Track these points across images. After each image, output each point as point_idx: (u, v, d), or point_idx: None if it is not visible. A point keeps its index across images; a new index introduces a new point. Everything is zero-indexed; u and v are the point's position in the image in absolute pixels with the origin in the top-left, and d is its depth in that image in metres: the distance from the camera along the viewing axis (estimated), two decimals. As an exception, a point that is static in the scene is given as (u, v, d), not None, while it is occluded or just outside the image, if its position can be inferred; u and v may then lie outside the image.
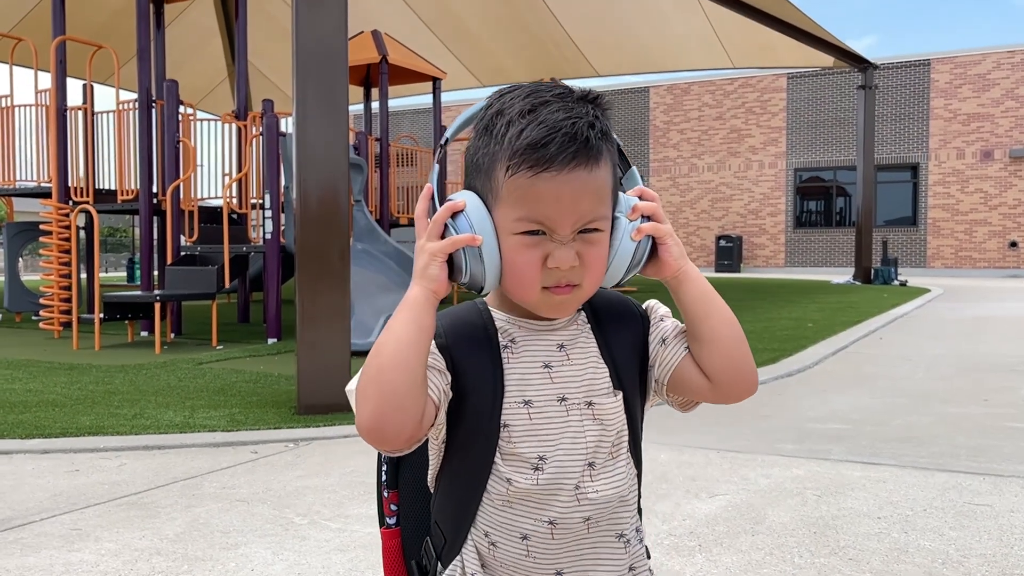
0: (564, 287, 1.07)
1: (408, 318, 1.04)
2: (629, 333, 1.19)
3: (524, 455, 1.10)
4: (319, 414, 4.82)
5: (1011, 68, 25.01)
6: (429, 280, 1.05)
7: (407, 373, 1.02)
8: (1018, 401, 5.34)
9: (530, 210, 1.03)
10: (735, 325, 1.13)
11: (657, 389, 1.19)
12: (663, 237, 1.11)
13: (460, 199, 1.07)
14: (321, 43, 5.01)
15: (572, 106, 1.05)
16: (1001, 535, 2.92)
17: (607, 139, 1.07)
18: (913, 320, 10.74)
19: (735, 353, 1.13)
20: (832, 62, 18.17)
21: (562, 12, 16.17)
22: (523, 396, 1.12)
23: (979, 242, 25.49)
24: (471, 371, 1.11)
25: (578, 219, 1.04)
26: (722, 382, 1.13)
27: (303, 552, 2.80)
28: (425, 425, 1.06)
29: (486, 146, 1.07)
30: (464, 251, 1.04)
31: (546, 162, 1.01)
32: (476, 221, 1.05)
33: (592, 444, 1.12)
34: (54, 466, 3.91)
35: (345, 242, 5.12)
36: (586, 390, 1.13)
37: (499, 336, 1.14)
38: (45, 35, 10.32)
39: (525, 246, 1.05)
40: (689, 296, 1.13)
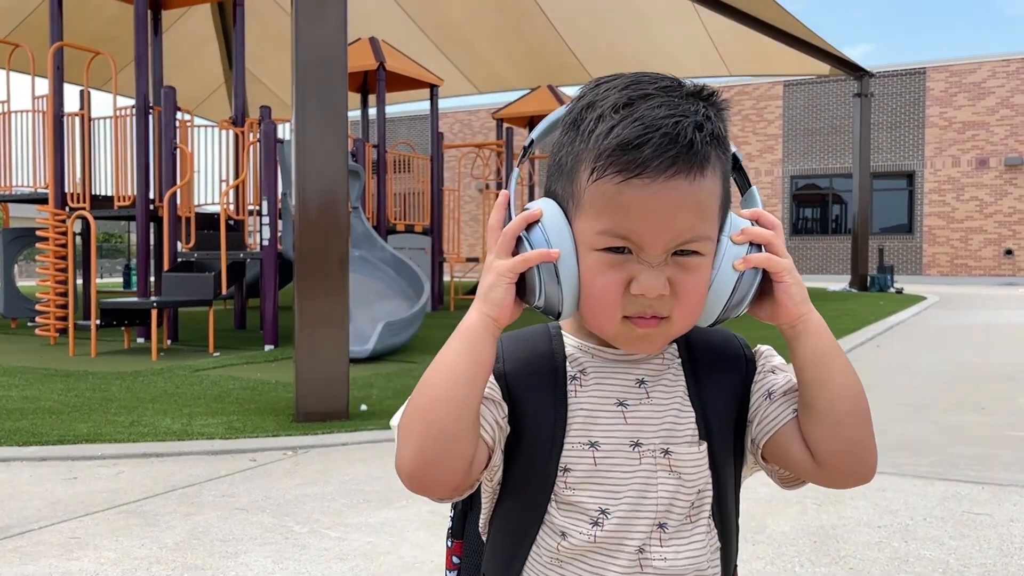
0: (649, 318, 0.90)
1: (462, 350, 0.89)
2: (728, 377, 0.99)
3: (583, 505, 0.94)
4: (317, 422, 4.81)
5: (1006, 77, 25.11)
6: (491, 305, 0.90)
7: (457, 414, 0.88)
8: (1016, 409, 5.35)
9: (615, 222, 0.87)
10: (859, 398, 0.92)
11: (753, 452, 0.99)
12: (779, 273, 0.91)
13: (537, 207, 0.91)
14: (321, 52, 5.02)
15: (678, 102, 0.88)
16: (1001, 544, 2.93)
17: (719, 145, 0.89)
18: (910, 328, 10.76)
19: (852, 434, 0.92)
20: (828, 70, 18.24)
21: (559, 20, 16.21)
22: (589, 436, 0.94)
23: (974, 250, 25.56)
24: (529, 403, 0.96)
25: (672, 237, 0.87)
26: (831, 466, 0.93)
27: (303, 561, 2.79)
28: (475, 471, 0.92)
29: (571, 143, 0.91)
30: (539, 269, 0.89)
31: (638, 166, 0.85)
32: (554, 233, 0.89)
33: (665, 500, 0.94)
34: (52, 474, 3.89)
35: (344, 249, 5.12)
36: (665, 436, 0.95)
37: (567, 365, 0.98)
38: (42, 41, 10.32)
39: (606, 266, 0.89)
40: (805, 353, 0.92)
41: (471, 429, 0.89)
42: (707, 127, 0.87)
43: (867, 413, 0.93)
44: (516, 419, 0.95)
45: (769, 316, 0.93)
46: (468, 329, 0.90)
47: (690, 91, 0.89)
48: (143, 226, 9.55)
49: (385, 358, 7.48)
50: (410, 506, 3.32)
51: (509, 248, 0.90)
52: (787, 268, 0.91)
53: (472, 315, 0.90)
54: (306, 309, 4.97)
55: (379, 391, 5.80)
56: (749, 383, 0.99)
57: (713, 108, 0.90)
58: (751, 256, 0.90)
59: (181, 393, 5.80)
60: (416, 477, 0.89)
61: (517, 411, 0.95)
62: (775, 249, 0.91)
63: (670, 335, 0.93)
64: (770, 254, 0.91)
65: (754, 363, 1.01)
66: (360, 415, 5.02)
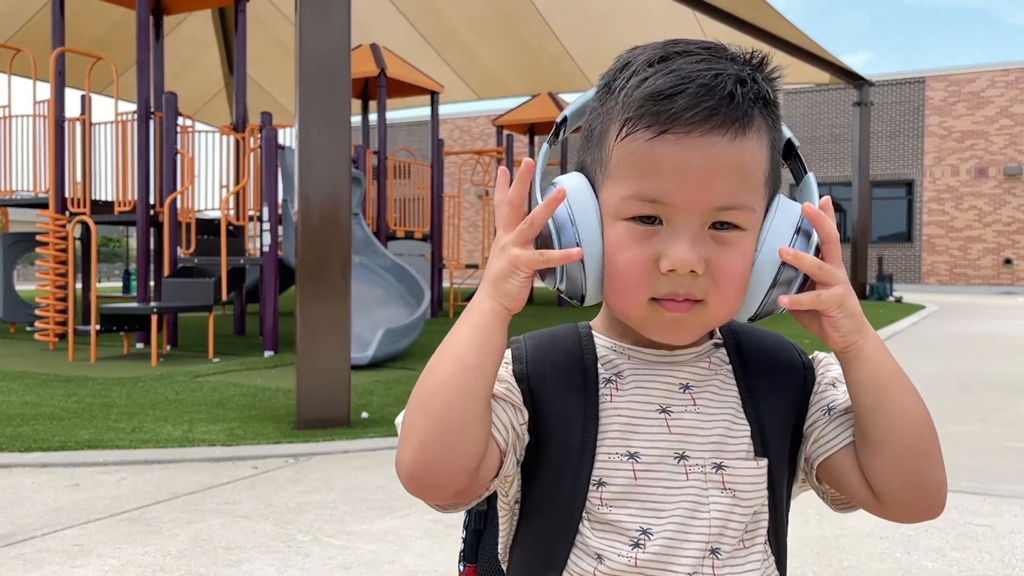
0: (681, 301, 0.80)
1: (471, 335, 0.80)
2: (786, 386, 0.89)
3: (621, 524, 0.84)
4: (318, 429, 4.82)
5: (1005, 86, 25.18)
6: (504, 296, 0.80)
7: (463, 403, 0.78)
8: (1017, 420, 5.36)
9: (644, 184, 0.77)
10: (922, 428, 0.82)
11: (806, 470, 0.91)
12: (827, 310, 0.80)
13: (561, 184, 0.82)
14: (325, 60, 5.03)
15: (721, 59, 0.80)
16: (1003, 556, 2.93)
17: (766, 108, 0.80)
18: (909, 337, 10.77)
19: (912, 468, 0.82)
20: (828, 79, 18.28)
21: (559, 27, 16.24)
22: (627, 446, 0.84)
23: (973, 259, 25.60)
24: (555, 409, 0.85)
25: (710, 202, 0.77)
26: (890, 502, 0.84)
27: (307, 569, 2.79)
28: (484, 476, 0.82)
29: (602, 105, 0.83)
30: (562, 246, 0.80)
31: (670, 118, 0.76)
32: (580, 213, 0.80)
33: (719, 523, 0.84)
34: (54, 480, 3.89)
35: (347, 256, 5.13)
36: (715, 449, 0.85)
37: (600, 367, 0.88)
38: (43, 45, 10.34)
39: (633, 238, 0.79)
40: (857, 379, 0.82)
41: (479, 422, 0.79)
42: (751, 85, 0.79)
43: (931, 445, 0.83)
44: (539, 427, 0.86)
45: (815, 332, 0.83)
46: (479, 314, 0.81)
47: (736, 54, 0.82)
48: (143, 231, 9.56)
49: (385, 365, 7.48)
50: (413, 514, 3.32)
51: (530, 236, 0.79)
52: (835, 303, 0.80)
53: (485, 302, 0.81)
54: (308, 316, 4.98)
55: (379, 398, 5.81)
56: (807, 394, 0.90)
57: (761, 73, 0.82)
58: (797, 298, 0.80)
59: (181, 399, 5.80)
60: (417, 475, 0.80)
61: (540, 417, 0.86)
62: (822, 278, 0.80)
63: (706, 323, 0.83)
64: (816, 294, 0.80)
65: (813, 372, 0.91)
66: (361, 422, 5.03)
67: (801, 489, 0.96)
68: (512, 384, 0.86)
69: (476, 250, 24.60)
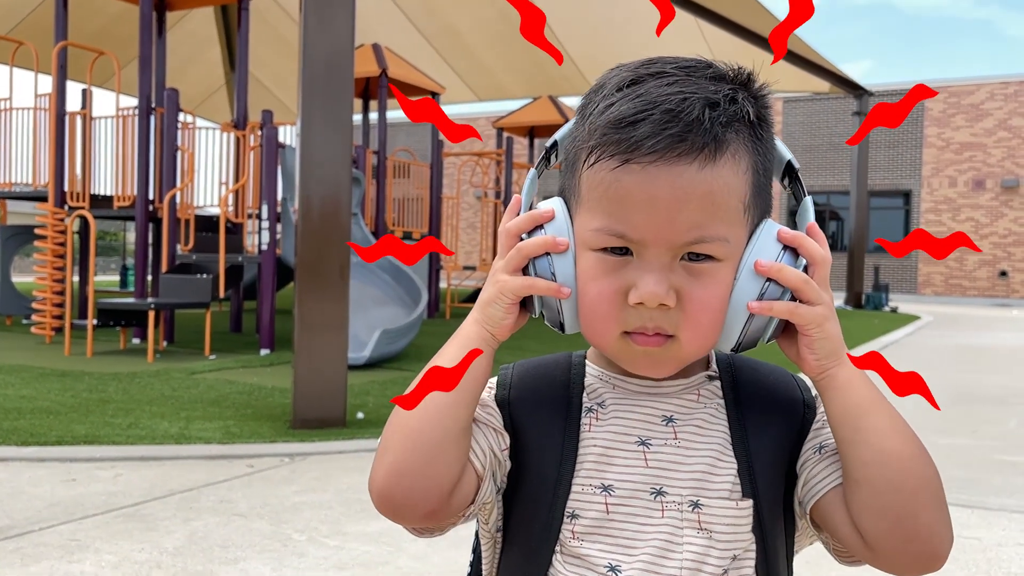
0: (651, 335, 0.77)
1: (455, 358, 0.77)
2: (781, 425, 0.84)
3: (591, 560, 0.81)
4: (314, 429, 4.84)
5: (1004, 99, 25.27)
6: (489, 321, 0.80)
7: (442, 425, 0.77)
8: (1007, 433, 5.40)
9: (611, 216, 0.75)
10: (908, 464, 0.75)
11: (802, 515, 0.85)
12: (804, 327, 0.76)
13: (548, 207, 0.80)
14: (328, 61, 5.06)
15: (696, 81, 0.75)
16: (989, 568, 2.97)
17: (744, 131, 0.76)
18: (903, 348, 10.82)
19: (895, 507, 0.75)
20: (828, 88, 18.34)
21: (561, 30, 16.28)
22: (602, 479, 0.82)
23: (969, 270, 25.68)
24: (534, 438, 0.84)
25: (677, 234, 0.74)
26: (878, 546, 0.77)
27: (302, 569, 2.82)
28: (458, 500, 0.81)
29: (576, 130, 0.80)
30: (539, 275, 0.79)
31: (632, 145, 0.72)
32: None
33: (692, 564, 0.80)
34: (50, 475, 3.91)
35: (346, 257, 5.16)
36: (695, 486, 0.81)
37: (584, 396, 0.86)
38: (44, 37, 10.35)
39: (602, 270, 0.77)
40: (833, 410, 0.78)
41: (456, 445, 0.78)
42: (725, 108, 0.74)
43: (917, 483, 0.75)
44: (519, 454, 0.85)
45: (793, 359, 0.80)
46: (463, 339, 0.80)
47: (720, 73, 0.77)
48: (142, 226, 9.58)
49: (381, 365, 7.50)
50: (407, 516, 3.35)
51: (518, 265, 0.78)
52: (814, 321, 0.75)
53: (470, 326, 0.81)
54: (306, 315, 5.00)
55: (375, 399, 5.83)
56: (805, 433, 0.84)
57: (745, 91, 0.77)
58: (771, 303, 0.75)
59: (178, 396, 5.82)
60: (387, 493, 0.78)
61: (520, 445, 0.84)
62: (805, 294, 0.75)
63: (680, 358, 0.79)
64: (795, 304, 0.75)
65: (813, 410, 0.86)
66: (357, 423, 5.05)
67: (808, 539, 0.89)
68: (494, 408, 0.86)
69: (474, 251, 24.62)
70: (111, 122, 9.93)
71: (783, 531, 0.85)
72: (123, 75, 10.22)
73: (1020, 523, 3.49)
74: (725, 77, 0.77)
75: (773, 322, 0.77)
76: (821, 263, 0.77)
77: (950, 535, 0.77)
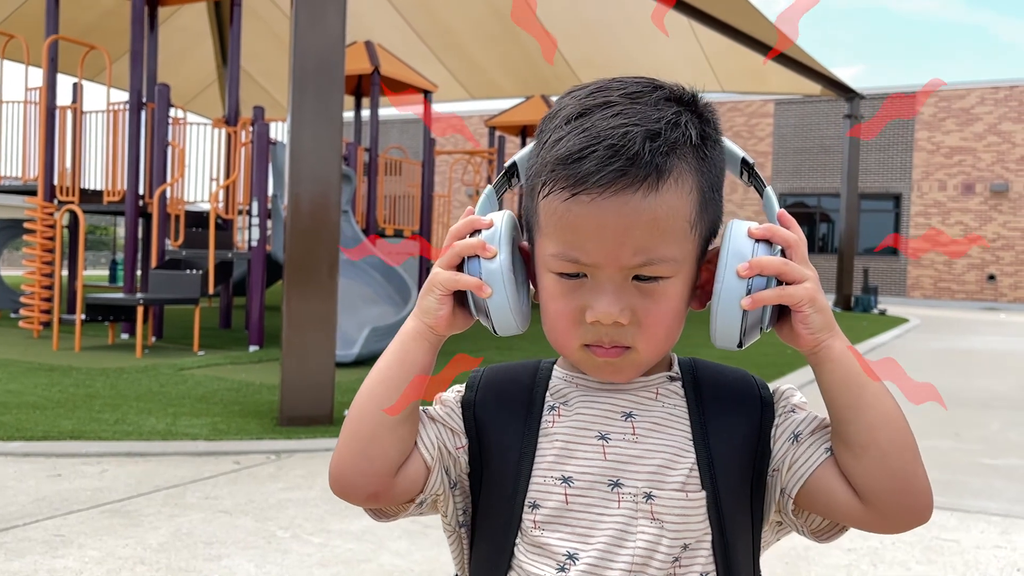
0: (609, 348, 0.84)
1: (393, 350, 0.87)
2: (740, 420, 0.89)
3: (551, 548, 0.86)
4: (301, 426, 4.85)
5: (995, 104, 25.38)
6: (424, 312, 0.86)
7: (376, 414, 0.85)
8: (990, 436, 5.44)
9: (565, 244, 0.81)
10: (901, 427, 0.82)
11: (782, 504, 0.89)
12: (796, 305, 0.81)
13: (489, 217, 0.85)
14: (319, 58, 5.07)
15: (640, 109, 0.80)
16: (966, 570, 3.00)
17: (687, 152, 0.81)
18: (891, 350, 10.87)
19: (899, 466, 0.82)
20: (819, 90, 18.40)
21: (555, 30, 16.29)
22: (562, 470, 0.87)
23: (958, 274, 25.80)
24: (496, 437, 0.90)
25: (626, 259, 0.80)
26: (880, 504, 0.83)
27: (285, 566, 2.84)
28: (404, 486, 0.87)
29: (534, 157, 0.86)
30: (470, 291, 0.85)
31: (579, 181, 0.78)
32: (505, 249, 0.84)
33: (643, 552, 0.84)
34: (36, 470, 3.92)
35: (334, 255, 5.17)
36: (649, 478, 0.85)
37: (548, 396, 0.91)
38: (36, 30, 10.32)
39: (560, 292, 0.83)
40: (830, 381, 0.83)
41: (392, 433, 0.85)
42: (668, 135, 0.79)
43: (912, 444, 0.83)
44: (484, 453, 0.90)
45: (788, 339, 0.84)
46: (402, 332, 0.87)
47: (665, 96, 0.82)
48: (132, 221, 9.57)
49: (370, 363, 7.49)
50: (391, 514, 3.36)
51: (451, 263, 0.85)
52: (805, 298, 0.81)
53: (409, 321, 0.87)
54: (294, 313, 5.01)
55: (363, 396, 5.83)
56: (766, 429, 0.89)
57: (691, 113, 0.82)
58: (760, 295, 0.80)
59: (165, 392, 5.82)
60: (334, 476, 0.88)
61: (484, 444, 0.90)
62: (789, 276, 0.80)
63: (639, 364, 0.86)
64: (782, 288, 0.80)
65: (772, 407, 0.90)
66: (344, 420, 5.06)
67: (779, 533, 0.94)
68: (454, 409, 0.92)
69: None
70: (102, 116, 9.91)
71: (748, 525, 0.89)
72: (114, 69, 10.20)
73: (999, 526, 3.53)
74: (671, 99, 0.83)
75: (768, 310, 0.82)
76: (796, 245, 0.82)
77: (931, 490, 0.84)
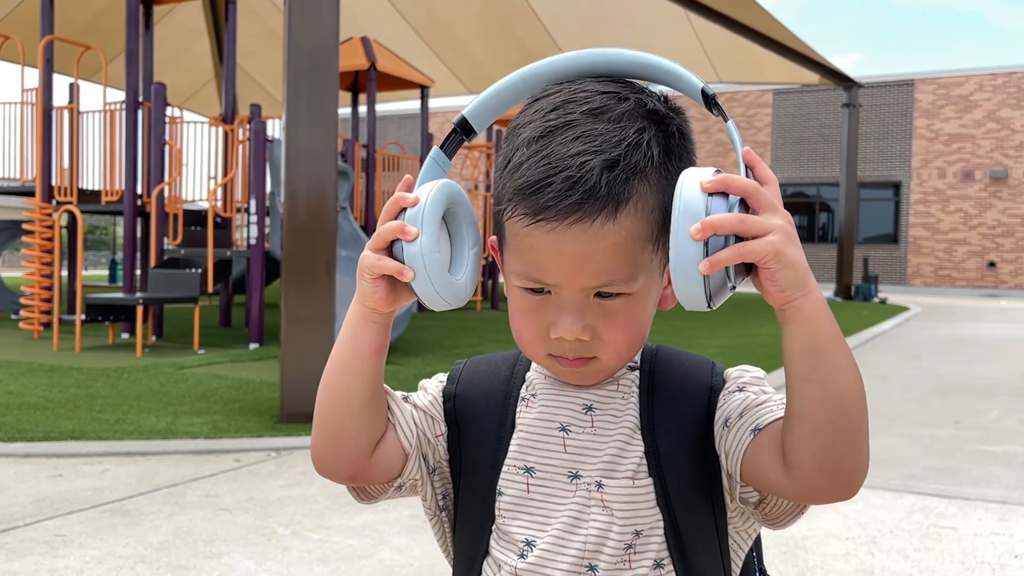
0: (573, 360, 0.85)
1: (343, 336, 0.87)
2: (685, 406, 0.89)
3: (514, 536, 0.90)
4: (301, 423, 4.86)
5: (993, 90, 25.35)
6: (363, 295, 0.84)
7: (340, 401, 0.87)
8: (988, 424, 5.45)
9: (528, 264, 0.82)
10: (852, 405, 0.78)
11: (731, 489, 0.88)
12: (763, 261, 0.73)
13: (415, 194, 0.81)
14: (313, 54, 5.07)
15: (603, 129, 0.79)
16: (964, 558, 3.01)
17: (650, 172, 0.80)
18: (891, 338, 10.88)
19: (833, 445, 0.78)
20: (817, 79, 18.39)
21: (551, 23, 16.28)
22: (526, 461, 0.90)
23: (958, 261, 25.79)
24: (474, 427, 0.93)
25: (587, 281, 0.81)
26: (801, 477, 0.80)
27: (285, 563, 2.85)
28: (380, 468, 0.90)
29: (500, 168, 0.86)
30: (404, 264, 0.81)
31: (540, 210, 0.79)
32: (427, 228, 0.80)
33: (595, 539, 0.87)
34: (37, 470, 3.93)
35: (332, 252, 5.17)
36: (603, 468, 0.87)
37: (523, 389, 0.93)
38: (31, 31, 10.31)
39: (526, 308, 0.85)
40: (791, 344, 0.77)
41: (358, 419, 0.87)
42: (628, 160, 0.78)
43: (859, 424, 0.79)
44: (463, 444, 0.93)
45: (763, 293, 0.76)
46: (349, 317, 0.87)
47: (629, 109, 0.81)
48: (130, 221, 9.58)
49: (370, 359, 7.51)
50: (391, 510, 3.38)
51: (378, 246, 0.82)
52: (770, 252, 0.72)
53: (354, 305, 0.86)
54: (292, 310, 5.02)
55: (363, 392, 5.85)
56: (711, 416, 0.88)
57: (657, 127, 0.81)
58: (717, 257, 0.72)
59: (166, 391, 5.83)
60: (313, 460, 0.91)
61: (463, 435, 0.93)
62: (748, 232, 0.72)
63: (604, 371, 0.87)
64: (740, 246, 0.72)
65: (719, 393, 0.89)
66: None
67: (744, 522, 0.92)
68: (436, 398, 0.95)
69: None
70: (98, 116, 9.91)
71: (707, 511, 0.89)
72: (110, 69, 10.20)
73: (997, 513, 3.54)
74: (636, 113, 0.81)
75: (732, 268, 0.74)
76: (754, 193, 0.73)
77: (867, 466, 0.82)
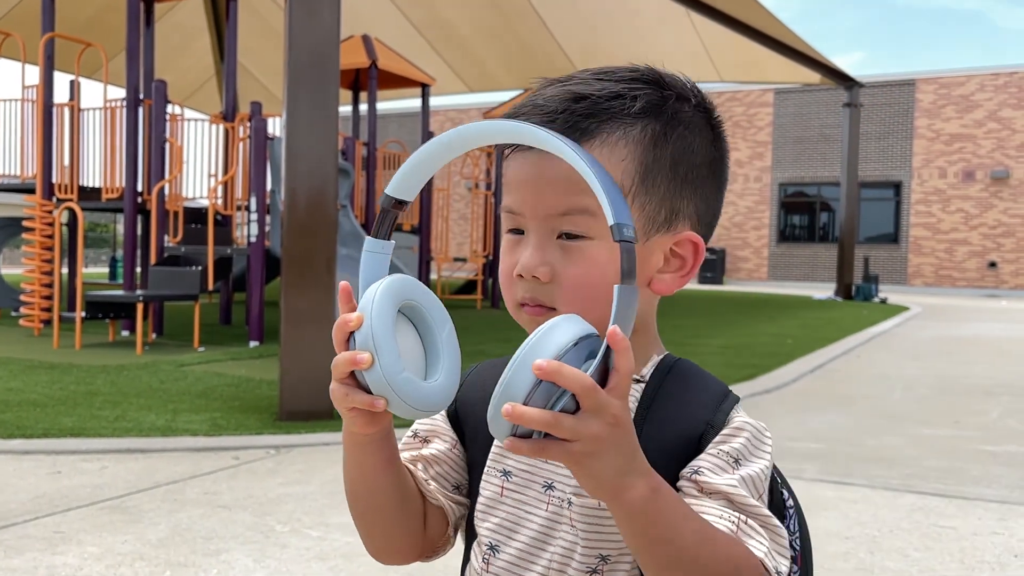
0: (534, 306, 0.83)
1: (347, 461, 0.85)
2: (678, 436, 0.83)
3: (482, 538, 0.90)
4: (300, 421, 4.86)
5: (994, 90, 25.33)
6: (348, 424, 0.79)
7: (372, 514, 0.87)
8: (989, 424, 5.45)
9: (507, 195, 0.86)
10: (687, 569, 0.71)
11: None
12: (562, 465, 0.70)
13: (357, 313, 0.73)
14: (314, 52, 5.06)
15: (594, 82, 0.84)
16: (963, 557, 3.01)
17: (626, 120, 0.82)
18: (892, 338, 10.88)
19: None
20: (818, 79, 18.37)
21: (553, 22, 16.27)
22: (504, 464, 0.89)
23: (959, 261, 25.78)
24: (472, 425, 0.93)
25: (545, 208, 0.82)
26: None
27: (284, 560, 2.85)
28: (431, 535, 0.91)
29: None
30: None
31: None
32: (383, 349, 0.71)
33: (560, 558, 0.83)
34: (36, 467, 3.93)
35: (332, 250, 5.17)
36: (576, 484, 0.80)
37: None
38: (32, 28, 10.31)
39: (507, 247, 0.87)
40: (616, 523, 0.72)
41: (395, 521, 0.87)
42: (600, 102, 0.82)
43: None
44: (466, 443, 0.94)
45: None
46: (344, 445, 0.84)
47: (639, 77, 0.85)
48: (131, 219, 9.57)
49: (370, 357, 7.50)
50: (390, 507, 3.37)
51: (338, 377, 0.73)
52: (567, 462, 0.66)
53: (343, 430, 0.82)
54: (292, 308, 5.02)
55: (363, 390, 5.85)
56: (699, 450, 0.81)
57: (650, 85, 0.85)
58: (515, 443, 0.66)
59: (166, 388, 5.83)
60: (375, 558, 0.91)
61: (466, 435, 0.94)
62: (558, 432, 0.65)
63: None
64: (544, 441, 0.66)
65: (717, 429, 0.82)
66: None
67: None
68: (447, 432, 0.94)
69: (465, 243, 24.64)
70: (99, 114, 9.91)
71: None
72: (111, 66, 10.19)
73: (996, 512, 3.53)
74: (648, 81, 0.86)
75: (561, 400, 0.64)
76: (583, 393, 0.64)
77: None
